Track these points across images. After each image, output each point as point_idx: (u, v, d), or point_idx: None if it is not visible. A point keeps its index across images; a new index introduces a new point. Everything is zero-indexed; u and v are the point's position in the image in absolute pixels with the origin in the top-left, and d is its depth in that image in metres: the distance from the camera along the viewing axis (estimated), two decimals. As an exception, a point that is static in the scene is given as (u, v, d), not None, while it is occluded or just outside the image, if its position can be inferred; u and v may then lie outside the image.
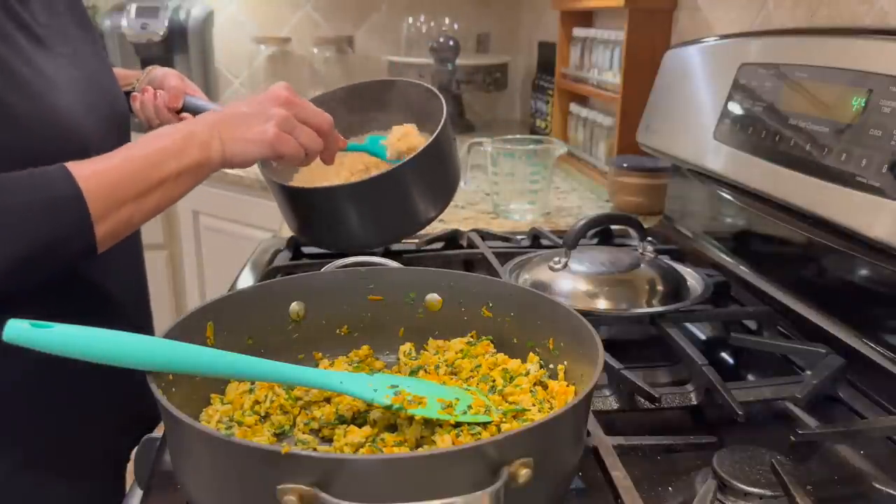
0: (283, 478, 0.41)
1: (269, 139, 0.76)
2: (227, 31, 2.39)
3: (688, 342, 0.75)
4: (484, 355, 0.66)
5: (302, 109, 0.80)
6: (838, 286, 0.82)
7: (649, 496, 0.56)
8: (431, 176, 0.97)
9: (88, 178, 0.65)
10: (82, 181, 0.64)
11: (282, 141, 0.77)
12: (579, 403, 0.49)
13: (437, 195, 0.99)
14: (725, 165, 0.99)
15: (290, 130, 0.78)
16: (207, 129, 0.74)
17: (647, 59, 1.36)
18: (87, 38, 0.84)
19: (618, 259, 0.89)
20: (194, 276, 2.04)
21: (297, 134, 0.79)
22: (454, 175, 1.03)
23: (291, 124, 0.78)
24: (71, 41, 0.79)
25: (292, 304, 0.68)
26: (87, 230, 0.64)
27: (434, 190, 0.98)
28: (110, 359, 0.50)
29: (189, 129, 0.74)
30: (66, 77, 0.74)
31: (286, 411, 0.59)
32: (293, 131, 0.78)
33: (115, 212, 0.66)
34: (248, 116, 0.76)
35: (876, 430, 0.65)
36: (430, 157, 0.94)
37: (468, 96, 2.42)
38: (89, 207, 0.64)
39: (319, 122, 0.82)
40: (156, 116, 0.95)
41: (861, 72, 0.76)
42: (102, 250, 0.67)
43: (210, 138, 0.73)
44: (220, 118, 0.76)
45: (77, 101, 0.73)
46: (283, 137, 0.77)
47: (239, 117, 0.76)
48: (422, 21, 2.33)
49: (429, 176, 0.96)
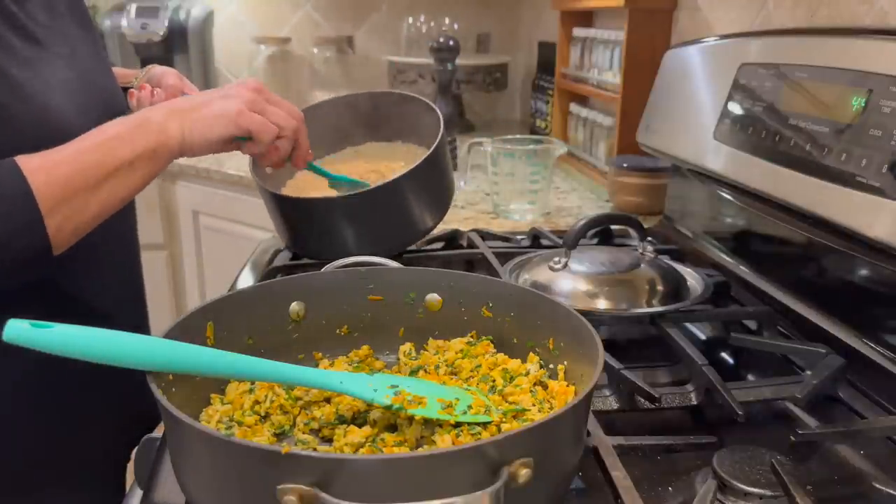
0: (283, 478, 0.41)
1: (233, 114, 0.73)
2: (227, 31, 2.39)
3: (688, 342, 0.75)
4: (484, 355, 0.66)
5: (271, 96, 0.78)
6: (838, 286, 0.82)
7: (649, 496, 0.56)
8: (428, 188, 0.96)
9: (36, 172, 0.62)
10: (30, 175, 0.61)
11: (247, 117, 0.74)
12: (579, 403, 0.49)
13: (432, 208, 0.99)
14: (725, 165, 0.99)
15: (259, 110, 0.75)
16: (164, 113, 0.71)
17: (647, 59, 1.36)
18: (87, 38, 0.83)
19: (618, 259, 0.89)
20: (194, 276, 2.03)
21: (268, 113, 0.76)
22: (449, 189, 1.02)
23: (260, 105, 0.76)
24: (70, 41, 0.78)
25: (292, 304, 0.68)
26: (37, 227, 0.62)
27: (429, 203, 0.97)
28: (110, 359, 0.50)
29: (144, 115, 0.71)
30: (60, 78, 0.73)
31: (286, 411, 0.59)
32: (263, 111, 0.76)
33: (67, 205, 0.63)
34: (210, 99, 0.74)
35: (876, 430, 0.65)
36: (428, 168, 0.93)
37: (468, 96, 2.42)
38: (38, 203, 0.61)
39: (290, 107, 0.80)
40: None
41: (861, 72, 0.76)
42: (61, 249, 0.65)
43: (166, 121, 0.70)
44: (180, 102, 0.74)
45: (69, 102, 0.72)
46: (248, 114, 0.74)
47: (199, 99, 0.74)
48: (422, 21, 2.33)
49: (425, 188, 0.96)
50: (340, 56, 2.41)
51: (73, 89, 0.74)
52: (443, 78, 1.71)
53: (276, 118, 0.77)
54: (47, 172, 0.63)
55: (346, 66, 2.41)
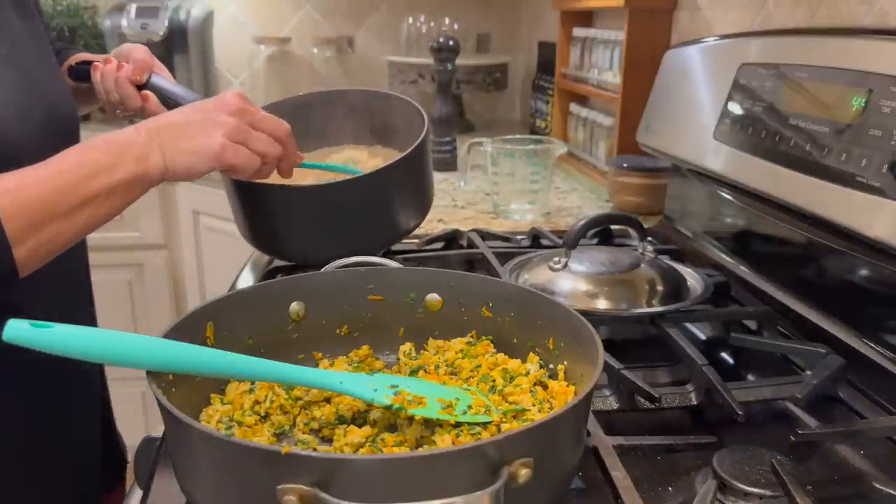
0: (283, 478, 0.41)
1: (216, 150, 0.69)
2: (227, 31, 2.39)
3: (688, 342, 0.75)
4: (484, 355, 0.66)
5: (254, 117, 0.73)
6: (838, 286, 0.82)
7: (649, 496, 0.56)
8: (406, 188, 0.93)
9: (5, 196, 0.59)
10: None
11: (230, 152, 0.70)
12: (579, 403, 0.49)
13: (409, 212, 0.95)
14: (725, 165, 0.99)
15: (243, 140, 0.71)
16: (146, 138, 0.67)
17: (647, 59, 1.36)
18: (31, 31, 0.78)
19: (618, 259, 0.89)
20: (194, 276, 2.04)
21: (251, 142, 0.72)
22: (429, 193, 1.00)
23: (243, 134, 0.71)
24: (9, 37, 0.74)
25: (292, 304, 0.68)
26: (4, 254, 0.59)
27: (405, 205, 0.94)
28: (110, 359, 0.50)
29: (126, 138, 0.67)
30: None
31: (286, 411, 0.59)
32: (246, 140, 0.71)
33: (37, 233, 0.60)
34: (192, 125, 0.70)
35: (876, 430, 0.65)
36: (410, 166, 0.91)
37: (468, 96, 2.42)
38: (5, 229, 0.58)
39: (274, 127, 0.75)
40: (115, 88, 0.88)
41: (861, 72, 0.76)
42: (28, 272, 0.62)
43: (148, 150, 0.67)
44: (162, 127, 0.69)
45: (8, 106, 0.68)
46: (231, 148, 0.70)
47: (182, 126, 0.69)
48: (422, 21, 2.33)
49: (403, 187, 0.92)
50: (340, 56, 2.41)
51: (13, 93, 0.70)
52: (443, 78, 1.71)
53: (260, 146, 0.73)
54: (17, 197, 0.59)
55: (346, 66, 2.41)
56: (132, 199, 0.68)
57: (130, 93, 0.88)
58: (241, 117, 0.72)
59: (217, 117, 0.70)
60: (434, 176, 1.03)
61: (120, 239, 1.95)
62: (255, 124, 0.73)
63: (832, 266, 0.83)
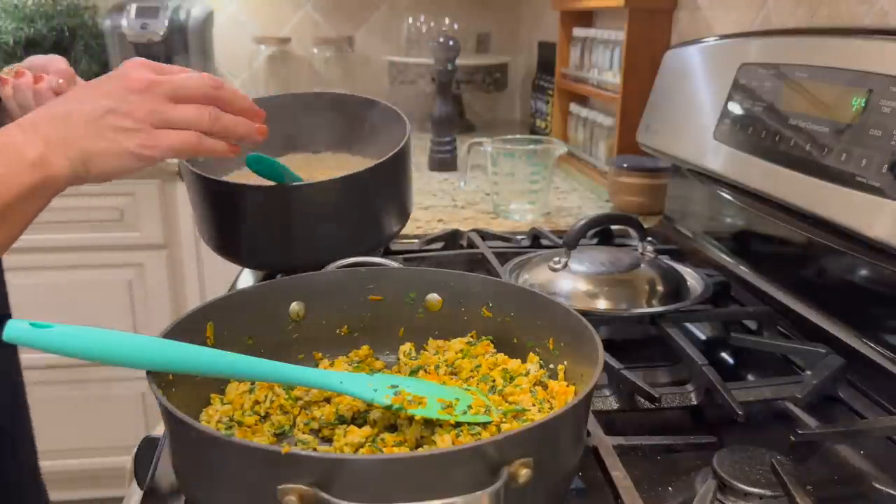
0: (283, 478, 0.41)
1: (132, 151, 0.59)
2: (227, 31, 2.39)
3: (688, 342, 0.75)
4: (484, 355, 0.66)
5: (169, 86, 0.61)
6: (838, 286, 0.82)
7: (649, 496, 0.56)
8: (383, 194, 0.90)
9: None
10: None
11: (151, 148, 0.60)
12: (579, 403, 0.49)
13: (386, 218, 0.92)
14: (725, 165, 0.99)
15: (163, 122, 0.61)
16: (37, 140, 0.57)
17: (647, 59, 1.36)
18: None
19: (618, 259, 0.89)
20: (194, 276, 2.04)
21: (175, 120, 0.61)
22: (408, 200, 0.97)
23: (160, 114, 0.60)
24: None
25: (292, 304, 0.68)
26: None
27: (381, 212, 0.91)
28: (110, 359, 0.50)
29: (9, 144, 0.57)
30: None
31: (286, 411, 0.59)
32: (168, 120, 0.61)
33: None
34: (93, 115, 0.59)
35: (876, 430, 0.65)
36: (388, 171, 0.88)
37: (468, 96, 2.42)
38: None
39: (197, 87, 0.63)
40: (34, 102, 0.77)
41: (861, 72, 0.76)
42: None
43: (45, 153, 0.57)
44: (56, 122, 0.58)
45: None
46: (150, 142, 0.60)
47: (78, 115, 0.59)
48: (422, 21, 2.33)
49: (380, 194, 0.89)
50: (340, 56, 2.41)
51: None
52: (443, 78, 1.71)
53: (187, 119, 0.62)
54: None
55: (346, 66, 2.41)
56: (45, 204, 0.60)
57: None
58: (152, 92, 0.60)
59: (122, 104, 0.60)
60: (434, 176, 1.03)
61: (120, 239, 1.95)
62: (173, 94, 0.62)
63: (832, 266, 0.83)
